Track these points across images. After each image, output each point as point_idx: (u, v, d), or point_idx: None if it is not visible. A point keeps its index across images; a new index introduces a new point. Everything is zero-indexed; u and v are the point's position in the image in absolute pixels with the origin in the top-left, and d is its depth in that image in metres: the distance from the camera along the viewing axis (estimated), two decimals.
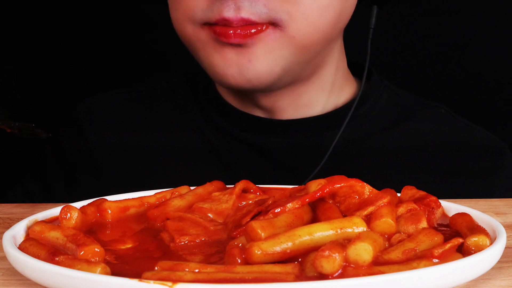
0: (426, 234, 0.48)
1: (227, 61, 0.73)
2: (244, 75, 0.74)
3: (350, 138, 0.84)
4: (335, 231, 0.46)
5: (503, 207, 0.69)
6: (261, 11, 0.71)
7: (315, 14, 0.73)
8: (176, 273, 0.42)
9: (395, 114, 0.87)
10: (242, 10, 0.71)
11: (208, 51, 0.75)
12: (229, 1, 0.71)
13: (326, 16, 0.74)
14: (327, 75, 0.83)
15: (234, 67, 0.73)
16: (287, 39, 0.73)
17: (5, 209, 0.70)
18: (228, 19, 0.71)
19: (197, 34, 0.75)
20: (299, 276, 0.43)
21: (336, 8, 0.74)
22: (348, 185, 0.52)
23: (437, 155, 0.85)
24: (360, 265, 0.43)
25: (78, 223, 0.54)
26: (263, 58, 0.73)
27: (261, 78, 0.74)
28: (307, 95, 0.83)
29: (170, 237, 0.52)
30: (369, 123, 0.86)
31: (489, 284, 0.47)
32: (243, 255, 0.45)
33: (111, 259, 0.48)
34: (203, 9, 0.73)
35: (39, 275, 0.44)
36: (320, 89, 0.83)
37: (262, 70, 0.74)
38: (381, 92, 0.88)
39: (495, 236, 0.49)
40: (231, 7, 0.71)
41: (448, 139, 0.87)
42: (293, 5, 0.72)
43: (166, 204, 0.58)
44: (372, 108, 0.86)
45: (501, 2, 1.24)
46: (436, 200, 0.56)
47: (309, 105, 0.84)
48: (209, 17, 0.73)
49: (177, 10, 0.76)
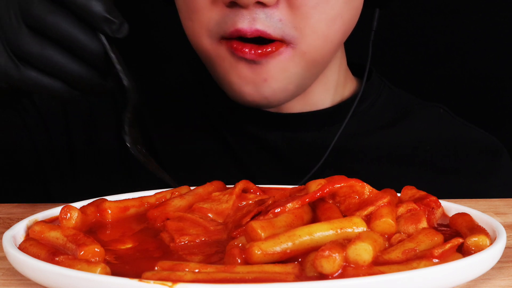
0: (426, 234, 0.48)
1: (243, 79, 0.74)
2: (261, 92, 0.74)
3: (348, 134, 0.84)
4: (335, 231, 0.46)
5: (503, 207, 0.69)
6: (276, 25, 0.71)
7: (324, 27, 0.73)
8: (176, 273, 0.42)
9: (394, 113, 0.88)
10: (257, 22, 0.70)
11: (226, 67, 0.75)
12: (243, 11, 0.70)
13: (335, 27, 0.74)
14: (332, 75, 0.85)
15: (250, 85, 0.74)
16: (299, 56, 0.73)
17: (5, 209, 0.70)
18: (242, 30, 0.70)
19: (216, 50, 0.75)
20: (299, 276, 0.43)
21: (344, 18, 0.74)
22: (348, 185, 0.52)
23: (435, 154, 0.86)
24: (360, 265, 0.43)
25: (78, 223, 0.54)
26: (278, 77, 0.74)
27: (277, 96, 0.75)
28: (314, 95, 0.84)
29: (170, 237, 0.52)
30: (368, 120, 0.87)
31: (489, 284, 0.47)
32: (243, 255, 0.45)
33: (111, 259, 0.48)
34: (218, 21, 0.72)
35: (39, 275, 0.44)
36: (326, 88, 0.85)
37: (278, 88, 0.74)
38: (380, 91, 0.89)
39: (495, 236, 0.50)
40: (245, 18, 0.70)
41: (445, 138, 0.88)
42: (303, 20, 0.71)
43: (166, 204, 0.58)
44: (371, 106, 0.87)
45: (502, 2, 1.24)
46: (436, 200, 0.56)
47: (316, 104, 0.85)
48: (224, 30, 0.72)
49: (192, 21, 0.75)
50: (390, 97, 0.89)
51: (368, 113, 0.87)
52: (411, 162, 0.85)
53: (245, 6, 0.70)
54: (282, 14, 0.71)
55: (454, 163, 0.86)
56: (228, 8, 0.71)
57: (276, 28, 0.71)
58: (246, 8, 0.70)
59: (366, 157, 0.85)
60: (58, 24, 0.57)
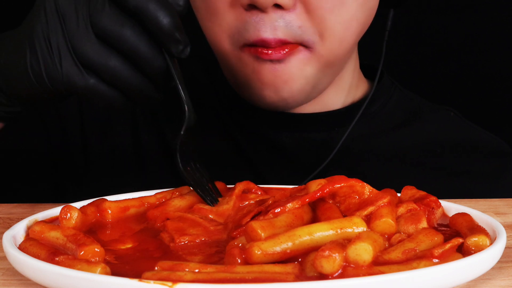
0: (426, 234, 0.48)
1: (264, 84, 0.75)
2: (280, 95, 0.76)
3: (359, 135, 0.85)
4: (335, 231, 0.46)
5: (503, 207, 0.69)
6: (296, 33, 0.72)
7: (340, 29, 0.74)
8: (176, 273, 0.42)
9: (404, 115, 0.89)
10: (278, 30, 0.72)
11: (247, 72, 0.76)
12: (264, 17, 0.72)
13: (350, 29, 0.75)
14: (347, 76, 0.86)
15: (271, 88, 0.75)
16: (316, 58, 0.75)
17: (5, 209, 0.70)
18: (266, 40, 0.72)
19: (238, 55, 0.76)
20: (299, 276, 0.43)
21: (359, 20, 0.75)
22: (348, 185, 0.52)
23: (445, 156, 0.87)
24: (360, 265, 0.43)
25: (78, 223, 0.54)
26: (297, 78, 0.75)
27: (295, 97, 0.77)
28: (328, 96, 0.85)
29: (170, 237, 0.52)
30: (379, 121, 0.87)
31: (489, 284, 0.47)
32: (243, 255, 0.45)
33: (111, 259, 0.48)
34: (239, 28, 0.74)
35: (39, 275, 0.44)
36: (340, 90, 0.86)
37: (296, 89, 0.76)
38: (391, 93, 0.90)
39: (495, 236, 0.49)
40: (267, 27, 0.72)
41: (455, 141, 0.89)
42: (322, 23, 0.73)
43: (166, 204, 0.58)
44: (382, 107, 0.88)
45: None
46: (436, 200, 0.56)
47: (328, 105, 0.86)
48: (246, 38, 0.73)
49: (212, 23, 0.76)
50: (401, 99, 0.90)
51: (379, 114, 0.88)
52: (422, 164, 0.86)
53: (264, 9, 0.71)
54: (300, 20, 0.72)
55: (464, 165, 0.87)
56: (247, 12, 0.73)
57: (296, 35, 0.73)
58: (265, 12, 0.72)
59: (377, 158, 0.86)
60: (127, 37, 0.56)
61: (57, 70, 0.58)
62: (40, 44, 0.58)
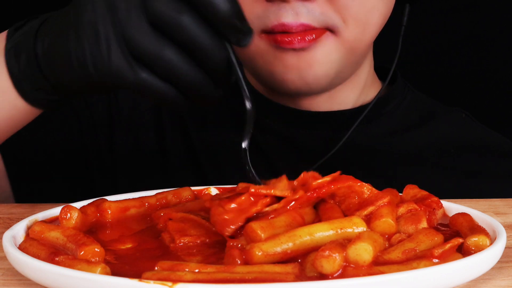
0: (426, 234, 0.48)
1: (288, 67, 0.74)
2: (304, 79, 0.75)
3: (374, 134, 0.86)
4: (335, 231, 0.46)
5: (503, 207, 0.69)
6: (319, 18, 0.73)
7: (363, 17, 0.75)
8: (176, 273, 0.42)
9: (418, 115, 0.90)
10: (300, 16, 0.72)
11: (268, 59, 0.75)
12: (286, 6, 0.72)
13: (373, 18, 0.76)
14: (363, 74, 0.86)
15: (294, 72, 0.75)
16: (341, 43, 0.75)
17: (5, 209, 0.70)
18: (288, 24, 0.71)
19: (256, 44, 0.74)
20: (299, 276, 0.43)
21: (380, 10, 0.76)
22: (347, 185, 0.52)
23: (458, 157, 0.88)
24: (360, 265, 0.43)
25: (78, 223, 0.54)
26: (322, 62, 0.75)
27: (320, 81, 0.76)
28: (343, 94, 0.85)
29: (171, 238, 0.52)
30: (393, 121, 0.88)
31: (489, 284, 0.47)
32: (243, 256, 0.45)
33: (111, 259, 0.48)
34: (259, 15, 0.73)
35: (39, 275, 0.44)
36: (355, 88, 0.86)
37: (321, 73, 0.76)
38: (405, 94, 0.90)
39: (495, 236, 0.49)
40: (289, 13, 0.72)
41: (468, 142, 0.89)
42: (345, 10, 0.74)
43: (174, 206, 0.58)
44: (397, 108, 0.89)
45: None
46: (438, 201, 0.56)
47: (342, 104, 0.86)
48: (266, 24, 0.73)
49: None
50: (414, 100, 0.91)
51: (394, 115, 0.88)
52: (436, 164, 0.87)
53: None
54: (322, 8, 0.73)
55: (477, 166, 0.87)
56: (268, 3, 0.72)
57: (319, 21, 0.73)
58: (287, 2, 0.71)
59: (391, 158, 0.86)
60: (185, 24, 0.51)
61: (105, 62, 0.53)
62: (86, 33, 0.53)
